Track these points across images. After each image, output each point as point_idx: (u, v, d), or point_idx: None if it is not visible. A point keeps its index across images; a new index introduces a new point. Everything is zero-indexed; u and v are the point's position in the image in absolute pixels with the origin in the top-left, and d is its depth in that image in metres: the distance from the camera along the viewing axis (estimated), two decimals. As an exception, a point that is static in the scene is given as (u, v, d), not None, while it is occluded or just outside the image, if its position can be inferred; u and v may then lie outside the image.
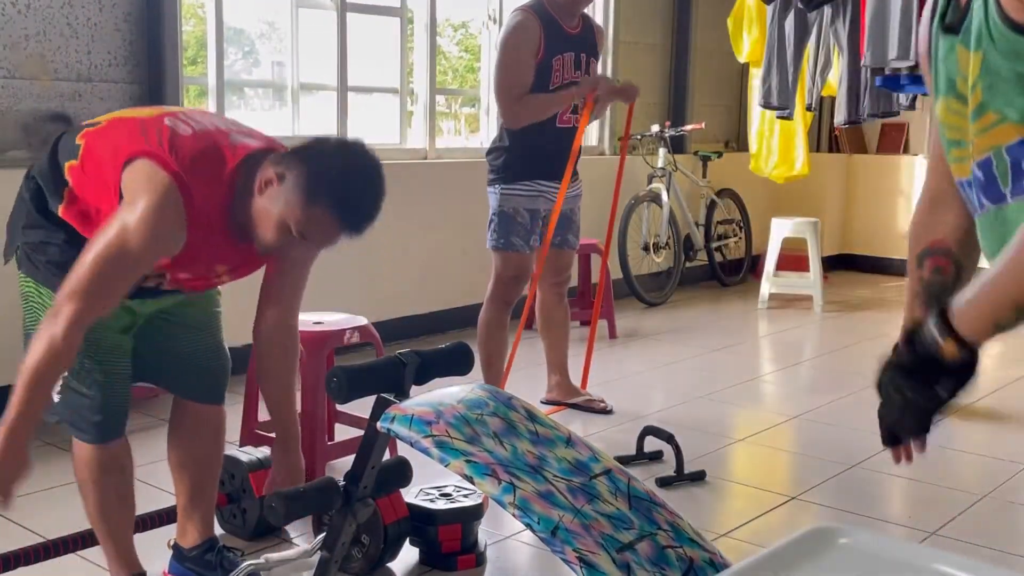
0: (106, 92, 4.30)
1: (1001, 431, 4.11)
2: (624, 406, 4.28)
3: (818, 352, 5.53)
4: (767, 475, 3.67)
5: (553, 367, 4.30)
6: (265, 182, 2.07)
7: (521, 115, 3.83)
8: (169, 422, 2.65)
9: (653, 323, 6.11)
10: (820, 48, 5.68)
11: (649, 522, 1.85)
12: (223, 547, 2.63)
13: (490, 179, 3.97)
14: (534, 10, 3.85)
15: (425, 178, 5.53)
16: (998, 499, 3.36)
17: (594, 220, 6.02)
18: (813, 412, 4.31)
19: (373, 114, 5.83)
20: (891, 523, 3.16)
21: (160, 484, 3.34)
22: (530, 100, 3.82)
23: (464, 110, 6.51)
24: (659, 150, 6.76)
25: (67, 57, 4.17)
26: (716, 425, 4.15)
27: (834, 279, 7.79)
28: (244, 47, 5.38)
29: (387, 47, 5.58)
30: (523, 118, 3.84)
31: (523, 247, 3.93)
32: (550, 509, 1.77)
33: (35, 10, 4.07)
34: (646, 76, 7.08)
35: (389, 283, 5.33)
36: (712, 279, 7.47)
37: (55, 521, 2.97)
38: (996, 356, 5.48)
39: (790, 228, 6.70)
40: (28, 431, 2.05)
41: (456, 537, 2.76)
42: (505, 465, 1.84)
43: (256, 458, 2.93)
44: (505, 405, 2.04)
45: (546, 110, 3.85)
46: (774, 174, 7.06)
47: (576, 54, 3.91)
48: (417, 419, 1.91)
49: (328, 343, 3.41)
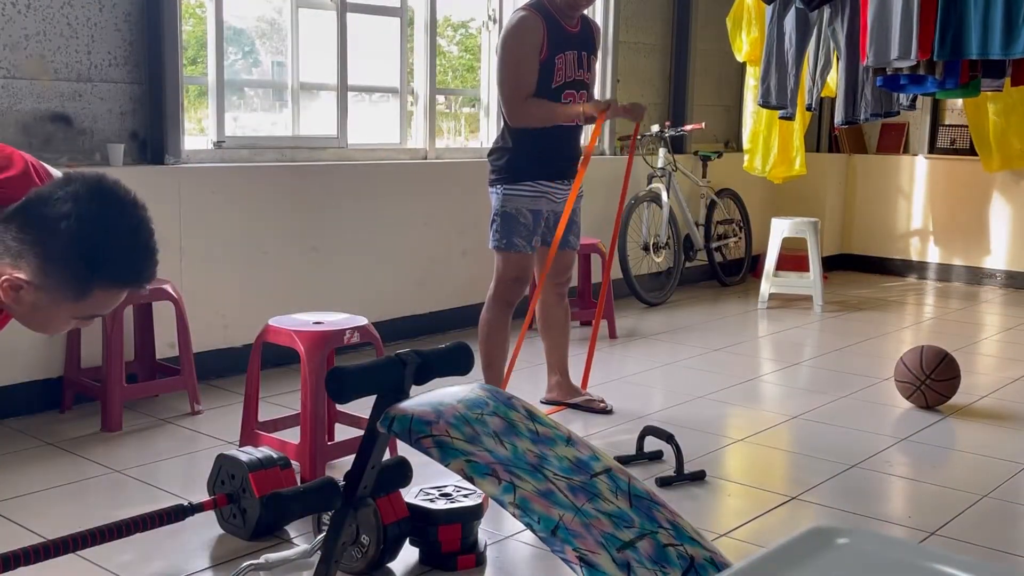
0: (106, 92, 4.30)
1: (1001, 431, 4.11)
2: (624, 406, 4.28)
3: (818, 352, 5.53)
4: (767, 475, 3.67)
5: (553, 367, 4.30)
6: (9, 287, 1.66)
7: (528, 115, 3.83)
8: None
9: (653, 323, 6.11)
10: (820, 48, 5.67)
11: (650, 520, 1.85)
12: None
13: (492, 179, 3.97)
14: (536, 9, 3.86)
15: (425, 178, 5.54)
16: (998, 499, 3.36)
17: (594, 220, 6.03)
18: (813, 412, 4.31)
19: (373, 114, 5.83)
20: (891, 523, 3.16)
21: (160, 484, 3.35)
22: (540, 105, 3.83)
23: (464, 110, 6.51)
24: (659, 150, 6.76)
25: (67, 57, 4.18)
26: (716, 425, 4.15)
27: (834, 279, 7.79)
28: (244, 47, 5.38)
29: (387, 47, 5.58)
30: (529, 119, 3.84)
31: (525, 248, 3.93)
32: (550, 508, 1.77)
33: (35, 10, 4.07)
34: (646, 76, 7.09)
35: (389, 283, 5.34)
36: (712, 279, 7.48)
37: (55, 521, 2.97)
38: (996, 356, 5.49)
39: (790, 228, 6.70)
40: None
41: (456, 537, 2.76)
42: (505, 464, 1.84)
43: (256, 458, 2.93)
44: (505, 405, 2.04)
45: (552, 119, 3.85)
46: (772, 174, 7.07)
47: (577, 53, 3.91)
48: (417, 419, 1.91)
49: (328, 343, 3.41)
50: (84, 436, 3.82)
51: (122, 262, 1.68)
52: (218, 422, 4.01)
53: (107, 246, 1.66)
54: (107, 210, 1.67)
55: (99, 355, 4.04)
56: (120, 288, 1.73)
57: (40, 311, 1.71)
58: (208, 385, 4.47)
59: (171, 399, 4.26)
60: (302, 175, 4.93)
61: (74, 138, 4.23)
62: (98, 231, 1.65)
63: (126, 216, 1.68)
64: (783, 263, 6.90)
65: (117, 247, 1.67)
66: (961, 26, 4.79)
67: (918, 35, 4.85)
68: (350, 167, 5.17)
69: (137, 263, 1.70)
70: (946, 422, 4.21)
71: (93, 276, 1.66)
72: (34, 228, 1.64)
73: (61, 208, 1.63)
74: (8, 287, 1.66)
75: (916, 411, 4.33)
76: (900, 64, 5.00)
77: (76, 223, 1.62)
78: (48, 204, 1.64)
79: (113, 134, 4.33)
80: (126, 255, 1.69)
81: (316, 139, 5.22)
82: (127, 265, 1.69)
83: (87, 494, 3.28)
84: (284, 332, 3.45)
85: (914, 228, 8.05)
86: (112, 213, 1.67)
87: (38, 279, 1.65)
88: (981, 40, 4.74)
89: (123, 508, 3.03)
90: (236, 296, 4.67)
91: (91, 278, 1.67)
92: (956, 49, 4.83)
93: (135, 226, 1.69)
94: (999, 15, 4.68)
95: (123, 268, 1.69)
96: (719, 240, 7.41)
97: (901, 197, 8.09)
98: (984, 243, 7.73)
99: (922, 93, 5.37)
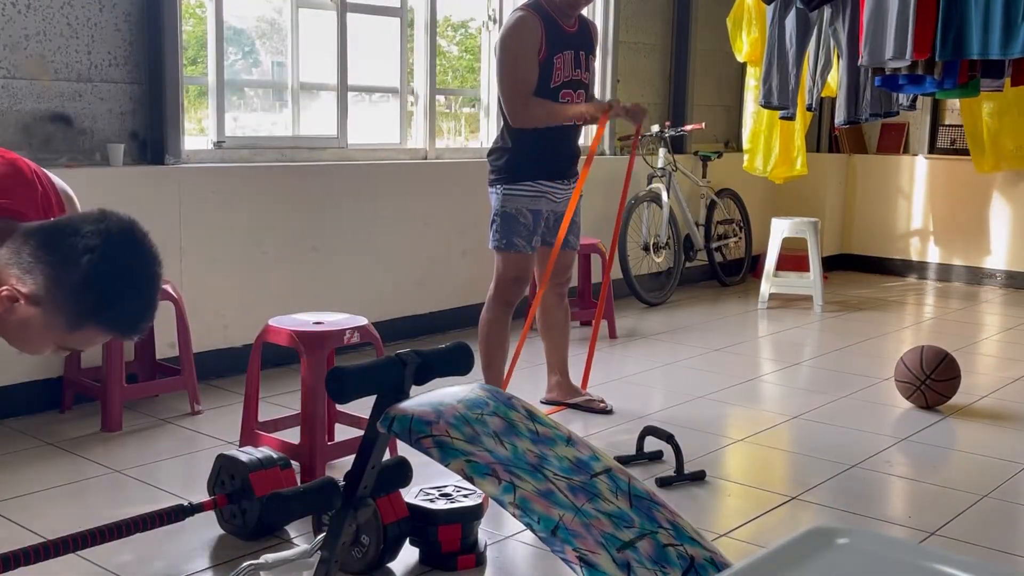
0: (106, 92, 4.30)
1: (1001, 431, 4.11)
2: (624, 406, 4.28)
3: (818, 352, 5.53)
4: (767, 475, 3.67)
5: (553, 367, 4.30)
6: (7, 297, 1.67)
7: (529, 116, 3.83)
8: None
9: (653, 323, 6.11)
10: (820, 48, 5.68)
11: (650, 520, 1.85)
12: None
13: (492, 179, 3.97)
14: (534, 9, 3.86)
15: (425, 178, 5.54)
16: (998, 499, 3.36)
17: (594, 220, 6.03)
18: (813, 412, 4.31)
19: (373, 114, 5.83)
20: (891, 523, 3.16)
21: (160, 484, 3.35)
22: (541, 105, 3.83)
23: (464, 110, 6.51)
24: (659, 150, 6.76)
25: (67, 57, 4.18)
26: (716, 425, 4.15)
27: (834, 279, 7.79)
28: (244, 47, 5.38)
29: (387, 47, 5.58)
30: (531, 119, 3.84)
31: (525, 248, 3.93)
32: (550, 508, 1.77)
33: (35, 10, 4.07)
34: (646, 76, 7.09)
35: (389, 283, 5.34)
36: (712, 279, 7.48)
37: (55, 521, 2.97)
38: (996, 356, 5.49)
39: (790, 228, 6.70)
40: None
41: (456, 537, 2.76)
42: (505, 464, 1.84)
43: (256, 458, 2.93)
44: (505, 405, 2.04)
45: (554, 119, 3.86)
46: (773, 174, 7.07)
47: (575, 52, 3.92)
48: (417, 419, 1.91)
49: (328, 343, 3.41)
50: (84, 436, 3.82)
51: (126, 312, 1.70)
52: (218, 422, 4.01)
53: (118, 293, 1.67)
54: (131, 259, 1.68)
55: (99, 355, 4.04)
56: (112, 334, 1.74)
57: (28, 329, 1.70)
58: (208, 385, 4.47)
59: (171, 399, 4.26)
60: (302, 175, 4.93)
61: (74, 138, 4.23)
62: (116, 276, 1.66)
63: (145, 270, 1.70)
64: (783, 263, 6.90)
65: (127, 297, 1.68)
66: (963, 26, 4.79)
67: (914, 35, 4.85)
68: (350, 167, 5.17)
69: (138, 317, 1.72)
70: (946, 422, 4.21)
71: (95, 315, 1.67)
72: (55, 251, 1.65)
73: (89, 242, 1.64)
74: (6, 296, 1.66)
75: (916, 411, 4.33)
76: (895, 64, 5.00)
77: (98, 261, 1.64)
78: (76, 234, 1.65)
79: (113, 134, 4.33)
80: (131, 306, 1.70)
81: (316, 139, 5.22)
82: (129, 316, 1.71)
83: (87, 494, 3.28)
84: (284, 332, 3.44)
85: (914, 228, 8.05)
86: (134, 263, 1.69)
87: (39, 299, 1.66)
88: (982, 40, 4.74)
89: (123, 508, 3.03)
90: (236, 296, 4.67)
91: (92, 316, 1.68)
92: (958, 49, 4.83)
93: (149, 281, 1.71)
94: (999, 15, 4.68)
95: (125, 318, 1.71)
96: (719, 240, 7.41)
97: (901, 197, 8.09)
98: (984, 243, 7.73)
99: (921, 93, 5.37)
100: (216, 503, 2.89)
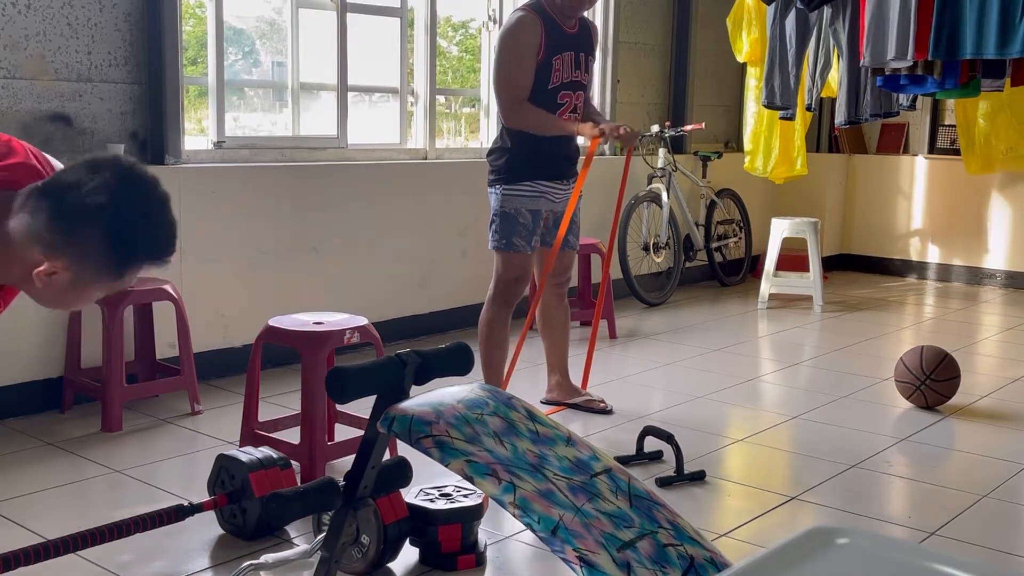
0: (106, 92, 4.30)
1: (1001, 431, 4.11)
2: (624, 406, 4.28)
3: (818, 352, 5.53)
4: (767, 475, 3.67)
5: (553, 367, 4.30)
6: (44, 274, 1.70)
7: (523, 120, 3.84)
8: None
9: (653, 323, 6.11)
10: (820, 48, 5.68)
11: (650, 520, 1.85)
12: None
13: (491, 180, 3.97)
14: (534, 10, 3.86)
15: (425, 178, 5.54)
16: (998, 499, 3.36)
17: (594, 220, 6.03)
18: (813, 412, 4.31)
19: (373, 114, 5.83)
20: (891, 523, 3.16)
21: (160, 484, 3.35)
22: (536, 113, 3.83)
23: (464, 110, 6.52)
24: (659, 150, 6.76)
25: (67, 57, 4.18)
26: (716, 425, 4.15)
27: (834, 279, 7.79)
28: (244, 47, 5.38)
29: (387, 47, 5.58)
30: (524, 123, 3.84)
31: (525, 248, 3.93)
32: (550, 508, 1.77)
33: (35, 10, 4.07)
34: (646, 76, 7.09)
35: (389, 283, 5.34)
36: (712, 279, 7.48)
37: (55, 521, 2.98)
38: (996, 356, 5.49)
39: (790, 228, 6.70)
40: None
41: (456, 537, 2.76)
42: (505, 464, 1.84)
43: (256, 458, 2.93)
44: (505, 405, 2.04)
45: (544, 130, 3.86)
46: (774, 174, 7.07)
47: (575, 54, 3.92)
48: (417, 419, 1.91)
49: (328, 343, 3.41)
50: (84, 436, 3.82)
51: (158, 242, 1.75)
52: (218, 422, 4.01)
53: (145, 229, 1.72)
54: (140, 195, 1.72)
55: (99, 355, 4.04)
56: (154, 263, 1.79)
57: (73, 291, 1.76)
58: (208, 385, 4.47)
59: (171, 399, 4.26)
60: (302, 175, 4.93)
61: (74, 138, 4.23)
62: (136, 217, 1.70)
63: (155, 196, 1.75)
64: (783, 263, 6.90)
65: (152, 229, 1.74)
66: (956, 25, 4.79)
67: (915, 35, 4.85)
68: (350, 167, 5.17)
69: (169, 239, 1.77)
70: (946, 422, 4.21)
71: (133, 258, 1.73)
72: (69, 218, 1.66)
73: (97, 199, 1.66)
74: (45, 273, 1.69)
75: (916, 411, 4.33)
76: (896, 64, 5.00)
77: (115, 212, 1.67)
78: (80, 193, 1.66)
79: (113, 134, 4.33)
80: (160, 234, 1.75)
81: (316, 139, 5.22)
82: (162, 243, 1.76)
83: (87, 494, 3.28)
84: (284, 332, 3.44)
85: (914, 228, 8.05)
86: (144, 198, 1.73)
87: (75, 265, 1.69)
88: (975, 40, 4.73)
89: (123, 508, 3.04)
90: (236, 296, 4.67)
91: (131, 260, 1.73)
92: (951, 48, 4.83)
93: (161, 204, 1.76)
94: (994, 15, 4.67)
95: (158, 247, 1.76)
96: (719, 240, 7.42)
97: (901, 197, 8.09)
98: (984, 243, 7.73)
99: (922, 93, 5.37)
100: (216, 503, 2.89)
